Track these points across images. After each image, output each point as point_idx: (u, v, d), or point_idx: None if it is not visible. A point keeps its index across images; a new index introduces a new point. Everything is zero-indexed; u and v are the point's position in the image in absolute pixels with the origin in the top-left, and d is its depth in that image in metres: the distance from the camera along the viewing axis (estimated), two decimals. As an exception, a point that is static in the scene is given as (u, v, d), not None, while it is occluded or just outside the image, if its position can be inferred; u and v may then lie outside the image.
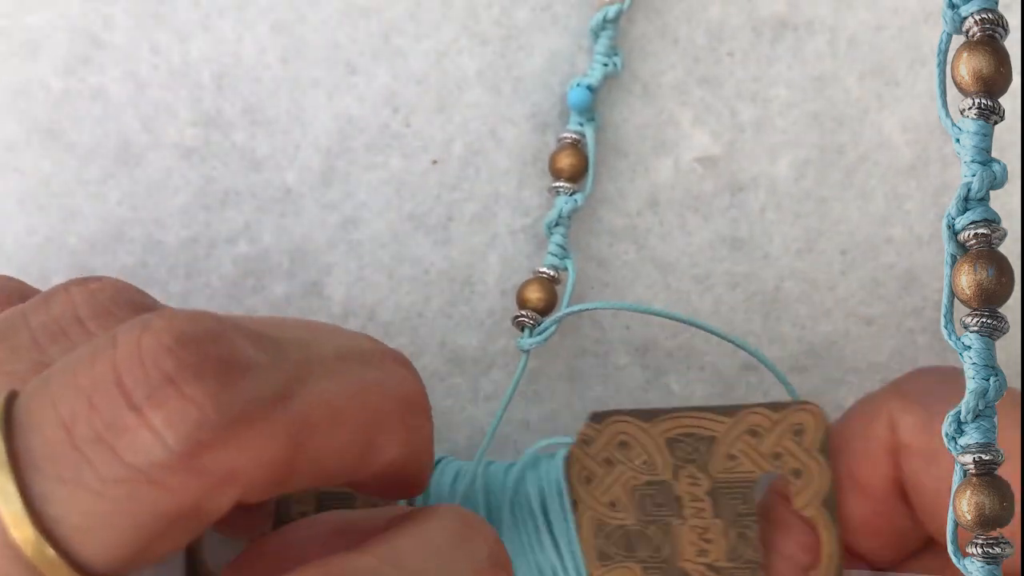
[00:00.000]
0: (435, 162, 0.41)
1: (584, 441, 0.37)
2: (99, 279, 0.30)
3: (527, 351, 0.40)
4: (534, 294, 0.40)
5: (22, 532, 0.25)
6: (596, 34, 0.41)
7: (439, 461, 0.38)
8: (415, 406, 0.32)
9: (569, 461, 0.37)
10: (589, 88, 0.40)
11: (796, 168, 0.41)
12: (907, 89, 0.41)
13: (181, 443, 0.25)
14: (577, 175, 0.40)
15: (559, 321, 0.39)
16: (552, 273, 0.40)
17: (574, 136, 0.40)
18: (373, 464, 0.30)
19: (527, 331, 0.40)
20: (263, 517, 0.36)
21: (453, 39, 0.41)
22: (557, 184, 0.40)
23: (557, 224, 0.40)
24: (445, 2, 0.41)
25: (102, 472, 0.25)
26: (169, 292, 0.40)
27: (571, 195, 0.40)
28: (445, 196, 0.41)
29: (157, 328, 0.26)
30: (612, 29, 0.40)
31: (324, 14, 0.40)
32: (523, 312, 0.40)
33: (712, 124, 0.41)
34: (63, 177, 0.39)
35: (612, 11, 0.40)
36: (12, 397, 0.26)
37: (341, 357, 0.29)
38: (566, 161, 0.40)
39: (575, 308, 0.39)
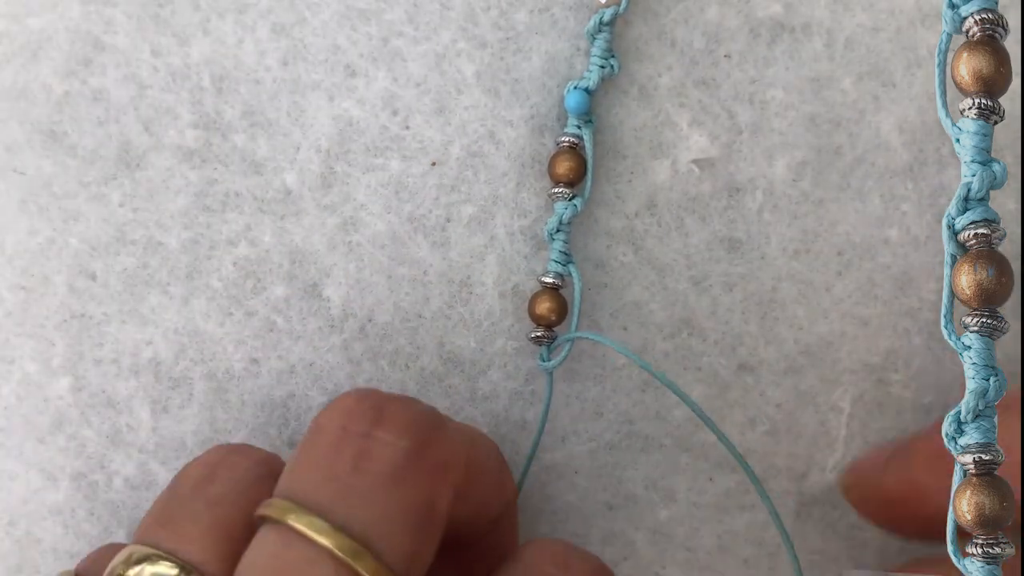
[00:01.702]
0: (434, 164, 0.41)
1: None
2: None
3: (551, 372, 0.40)
4: (544, 306, 0.40)
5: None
6: (592, 37, 0.41)
7: None
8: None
9: None
10: (586, 91, 0.40)
11: (793, 169, 0.42)
12: (904, 91, 0.42)
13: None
14: (576, 179, 0.40)
15: (572, 340, 0.40)
16: (557, 281, 0.40)
17: (572, 139, 0.40)
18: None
19: (545, 349, 0.41)
20: None
21: (452, 42, 0.41)
22: (556, 190, 0.40)
23: (558, 230, 0.40)
24: (444, 5, 0.41)
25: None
26: (170, 294, 0.40)
27: (570, 200, 0.40)
28: (444, 198, 0.41)
29: None
30: (608, 32, 0.40)
31: (324, 17, 0.40)
32: (539, 331, 0.41)
33: (709, 126, 0.41)
34: (64, 179, 0.39)
35: (608, 14, 0.40)
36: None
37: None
38: (565, 165, 0.40)
39: (589, 336, 0.40)
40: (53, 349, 0.40)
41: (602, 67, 0.40)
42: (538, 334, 0.41)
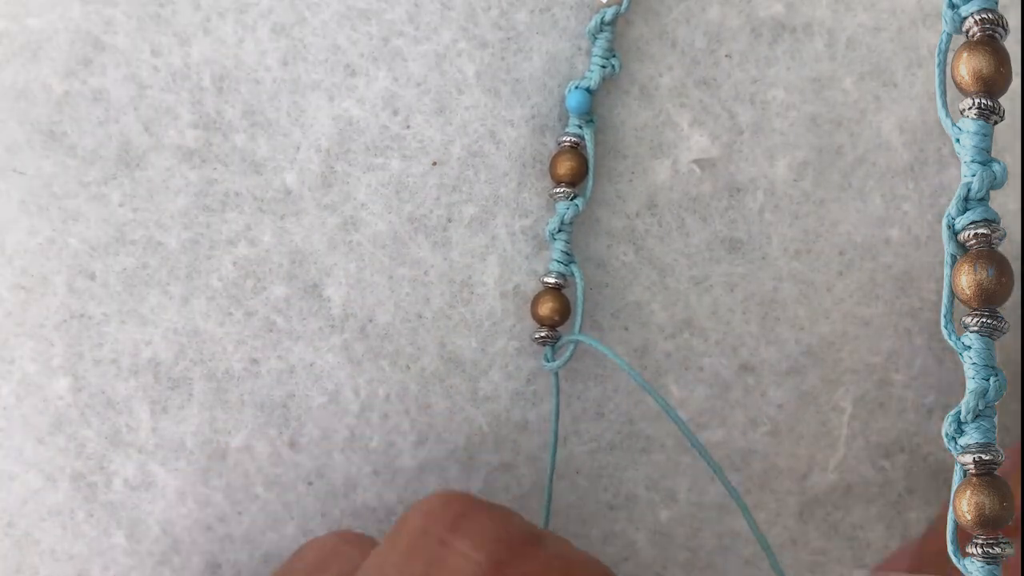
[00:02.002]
0: (435, 164, 0.41)
1: None
2: None
3: (556, 373, 0.40)
4: (547, 306, 0.40)
5: None
6: (593, 36, 0.41)
7: None
8: None
9: None
10: (587, 90, 0.40)
11: (794, 169, 0.41)
12: (905, 91, 0.42)
13: None
14: (577, 179, 0.40)
15: (576, 343, 0.40)
16: (560, 282, 0.40)
17: (573, 139, 0.40)
18: None
19: (549, 349, 0.40)
20: None
21: (452, 41, 0.41)
22: (558, 189, 0.40)
23: (560, 230, 0.40)
24: (444, 5, 0.41)
25: None
26: (170, 294, 0.40)
27: (572, 200, 0.40)
28: (444, 198, 0.41)
29: None
30: (609, 31, 0.40)
31: (324, 16, 0.40)
32: (543, 332, 0.40)
33: (710, 126, 0.41)
34: (64, 179, 0.39)
35: (609, 13, 0.40)
36: None
37: None
38: (566, 165, 0.40)
39: (590, 341, 0.39)
40: (53, 349, 0.40)
41: (603, 67, 0.40)
42: (542, 335, 0.41)
